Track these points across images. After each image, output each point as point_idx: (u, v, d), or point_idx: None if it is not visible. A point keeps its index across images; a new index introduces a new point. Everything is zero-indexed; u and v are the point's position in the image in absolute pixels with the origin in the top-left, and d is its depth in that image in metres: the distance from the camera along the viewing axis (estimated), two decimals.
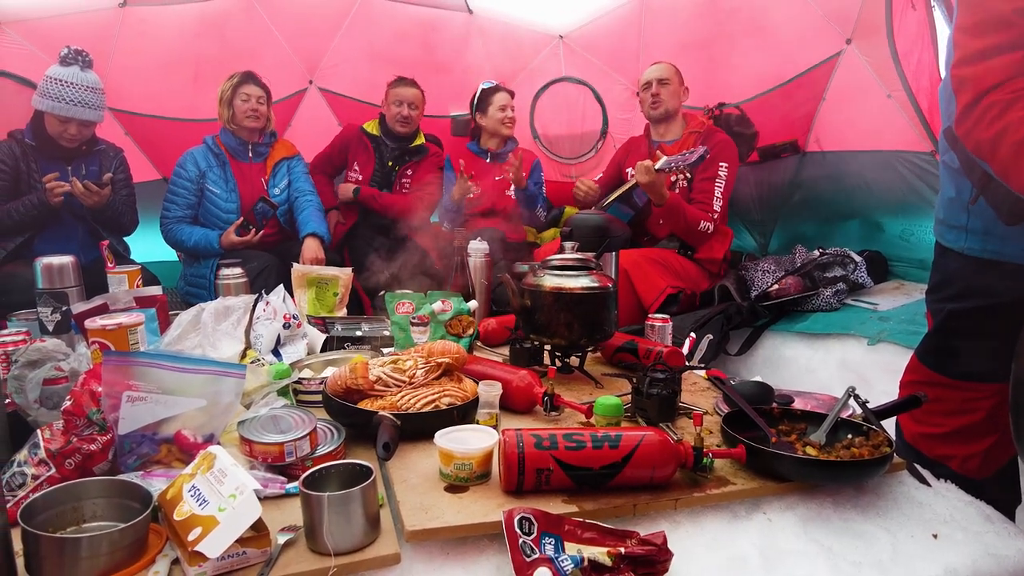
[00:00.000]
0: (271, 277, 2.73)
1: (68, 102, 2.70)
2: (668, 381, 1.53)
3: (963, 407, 1.48)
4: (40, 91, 2.73)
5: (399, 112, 3.35)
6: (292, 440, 1.26)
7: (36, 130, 2.80)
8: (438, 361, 1.57)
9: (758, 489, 1.23)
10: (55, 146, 2.81)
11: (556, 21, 4.21)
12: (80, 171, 2.84)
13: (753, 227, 3.87)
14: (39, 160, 2.80)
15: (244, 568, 0.98)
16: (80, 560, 0.94)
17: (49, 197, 2.66)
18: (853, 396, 1.39)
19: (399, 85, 3.39)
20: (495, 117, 3.42)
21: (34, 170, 2.78)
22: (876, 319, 2.59)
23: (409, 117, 3.37)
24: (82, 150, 2.88)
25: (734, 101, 3.53)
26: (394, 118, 3.37)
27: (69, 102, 2.70)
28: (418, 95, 3.40)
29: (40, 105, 2.73)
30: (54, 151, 2.82)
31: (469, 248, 2.57)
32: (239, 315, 1.91)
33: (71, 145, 2.82)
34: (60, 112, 2.71)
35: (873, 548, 1.12)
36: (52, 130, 2.77)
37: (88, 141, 2.89)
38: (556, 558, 0.98)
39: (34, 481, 1.18)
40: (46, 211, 2.71)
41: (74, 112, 2.72)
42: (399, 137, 3.43)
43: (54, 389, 1.45)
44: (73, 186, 2.68)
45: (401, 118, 3.36)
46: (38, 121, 2.80)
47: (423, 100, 3.44)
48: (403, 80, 3.40)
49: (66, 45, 2.77)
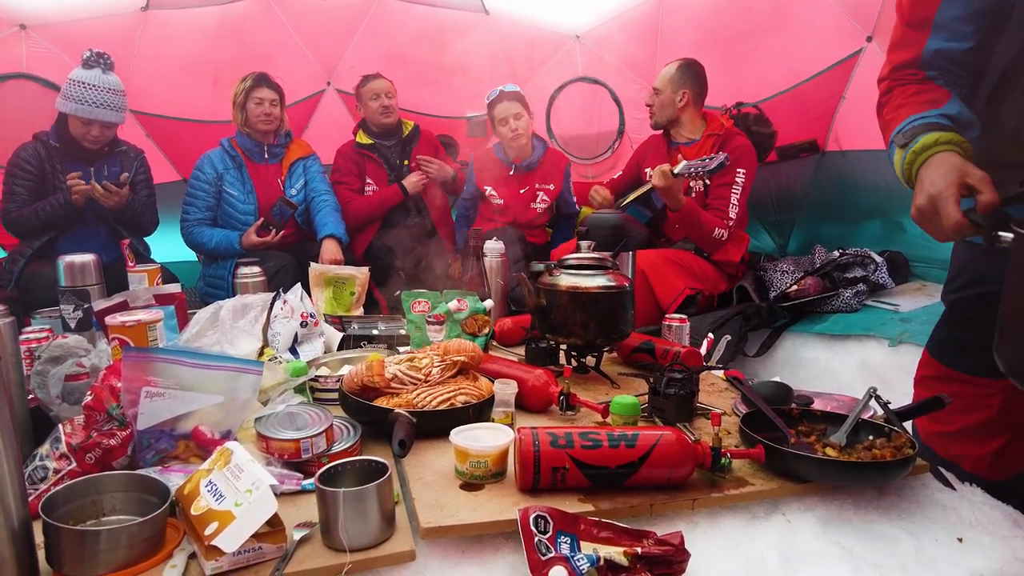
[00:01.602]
0: (288, 276, 2.75)
1: (90, 104, 2.75)
2: (686, 381, 1.52)
3: (972, 403, 1.44)
4: (63, 94, 2.79)
5: (379, 105, 3.34)
6: (308, 437, 1.26)
7: (60, 132, 2.86)
8: (454, 359, 1.57)
9: (777, 490, 1.21)
10: (78, 147, 2.87)
11: (572, 21, 4.20)
12: (102, 172, 2.90)
13: (771, 227, 3.82)
14: (63, 161, 2.85)
15: (260, 563, 0.99)
16: (99, 553, 0.95)
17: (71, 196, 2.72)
18: (874, 397, 1.36)
19: (368, 81, 3.38)
20: (502, 133, 3.28)
21: (59, 171, 2.84)
22: (897, 320, 2.55)
23: (389, 107, 3.36)
24: (104, 151, 2.93)
25: (752, 100, 3.49)
26: (376, 112, 3.35)
27: (91, 104, 2.75)
28: (388, 85, 3.38)
29: (63, 108, 2.79)
30: (78, 152, 2.88)
31: (485, 248, 2.56)
32: (257, 312, 1.92)
33: (94, 146, 2.87)
34: (83, 114, 2.76)
35: (896, 551, 1.10)
36: (75, 132, 2.82)
37: (110, 143, 2.94)
38: (572, 557, 0.97)
39: (55, 475, 1.19)
40: (71, 211, 2.77)
41: (96, 114, 2.77)
42: (390, 133, 3.43)
43: (75, 385, 1.47)
44: (93, 188, 2.72)
45: (383, 108, 3.34)
46: (62, 123, 2.86)
47: (394, 89, 3.41)
48: (369, 76, 3.39)
49: (88, 48, 2.82)
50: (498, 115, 3.25)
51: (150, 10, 3.50)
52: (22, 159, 2.83)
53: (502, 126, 3.25)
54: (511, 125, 3.22)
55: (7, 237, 3.03)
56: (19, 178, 2.82)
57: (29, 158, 2.82)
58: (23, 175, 2.82)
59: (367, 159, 3.41)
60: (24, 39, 3.34)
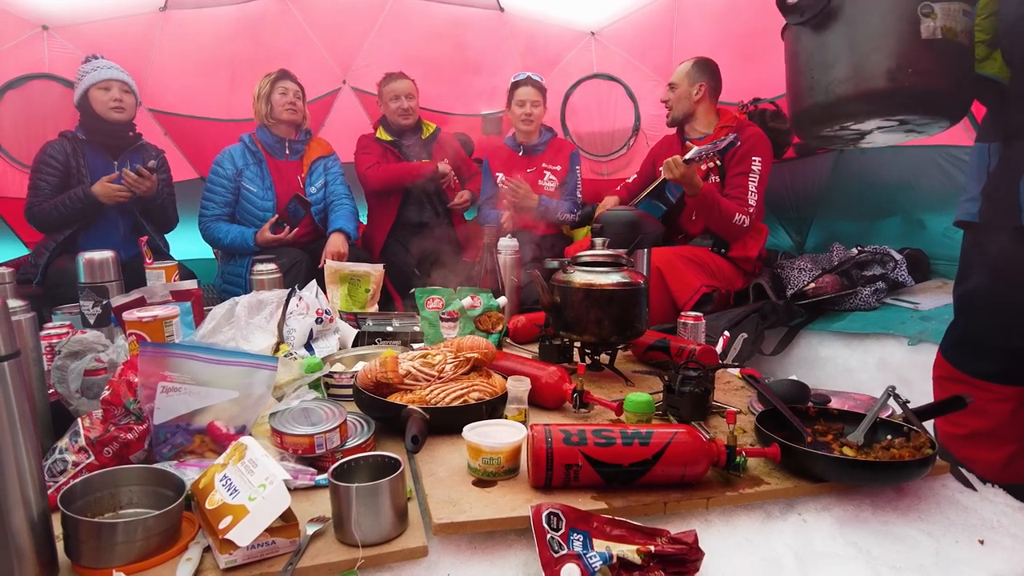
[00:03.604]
0: (300, 273, 2.77)
1: (102, 68, 2.90)
2: (701, 379, 1.51)
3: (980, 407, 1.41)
4: (77, 80, 2.92)
5: (399, 106, 3.36)
6: (322, 432, 1.27)
7: (85, 122, 2.94)
8: (467, 356, 1.56)
9: (793, 489, 1.20)
10: (104, 134, 2.93)
11: (587, 17, 4.18)
12: (126, 166, 2.94)
13: (789, 225, 3.78)
14: (87, 154, 2.90)
15: (273, 557, 0.99)
16: (116, 545, 0.97)
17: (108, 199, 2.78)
18: (893, 396, 1.34)
19: (391, 81, 3.39)
20: (515, 113, 3.41)
21: (83, 166, 2.89)
22: (917, 319, 2.51)
23: (409, 109, 3.38)
24: (128, 137, 3.00)
25: (769, 96, 3.45)
26: (395, 113, 3.38)
27: (102, 68, 2.90)
28: (410, 86, 3.40)
29: (80, 87, 2.89)
30: (103, 140, 2.93)
31: (499, 245, 2.56)
32: (272, 309, 1.94)
33: (119, 116, 2.91)
34: (99, 78, 2.87)
35: (915, 553, 1.08)
36: (99, 107, 2.89)
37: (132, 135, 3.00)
38: (584, 554, 0.96)
39: (74, 468, 1.21)
40: (89, 204, 2.80)
41: (110, 73, 2.89)
42: (410, 132, 3.44)
43: (94, 380, 1.49)
44: (124, 176, 2.77)
45: (402, 111, 3.36)
46: (86, 113, 2.93)
47: (416, 89, 3.43)
48: (392, 75, 3.40)
49: (107, 48, 2.90)
50: (517, 96, 3.39)
51: (168, 10, 3.54)
52: (47, 154, 2.88)
53: (518, 107, 3.38)
54: (526, 109, 3.37)
55: (30, 234, 3.08)
56: (44, 173, 2.87)
57: (55, 153, 2.88)
58: (48, 170, 2.86)
59: (389, 152, 3.43)
60: (46, 40, 3.38)
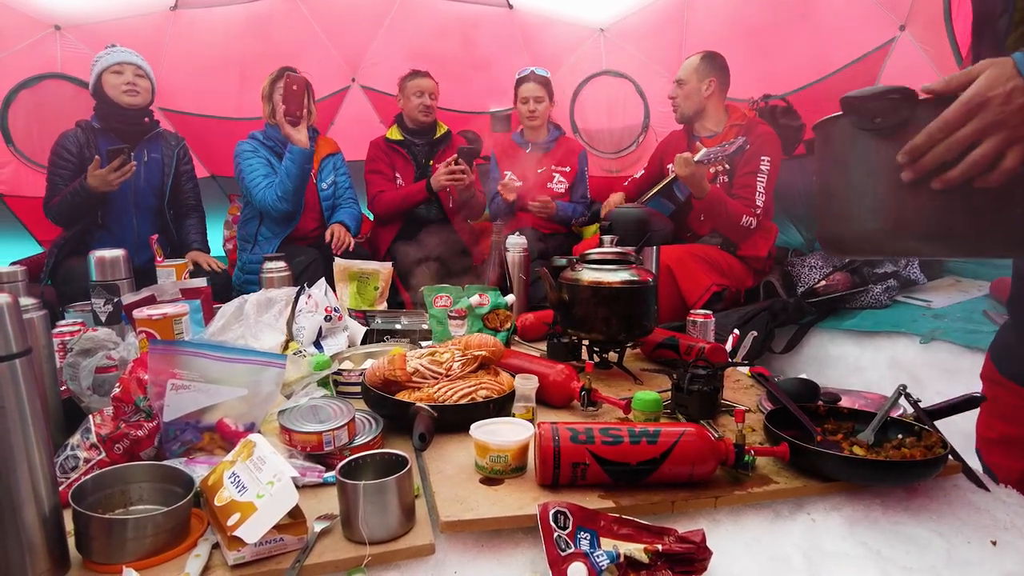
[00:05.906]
0: (316, 272, 2.78)
1: (115, 52, 2.90)
2: (710, 377, 1.50)
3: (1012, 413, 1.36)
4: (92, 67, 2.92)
5: (421, 103, 3.38)
6: (330, 430, 1.27)
7: (100, 109, 2.94)
8: (475, 354, 1.57)
9: (802, 489, 1.19)
10: (119, 120, 2.92)
11: (596, 14, 4.17)
12: (143, 156, 2.95)
13: (799, 222, 3.75)
14: (101, 143, 2.90)
15: (281, 554, 1.00)
16: (126, 541, 0.97)
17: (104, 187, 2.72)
18: (904, 394, 1.33)
19: (415, 77, 3.41)
20: (520, 110, 3.45)
21: (97, 154, 2.89)
22: (929, 316, 2.49)
23: (430, 107, 3.41)
24: (144, 124, 2.99)
25: (780, 92, 3.43)
26: (416, 109, 3.39)
27: (116, 52, 2.90)
28: (434, 85, 3.43)
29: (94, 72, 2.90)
30: (118, 127, 2.93)
31: (507, 243, 2.56)
32: (280, 307, 1.94)
33: (133, 100, 2.91)
34: (112, 61, 2.86)
35: (926, 553, 1.07)
36: (111, 91, 2.89)
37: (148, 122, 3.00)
38: (592, 553, 0.96)
39: (86, 464, 1.22)
40: (90, 195, 2.76)
41: (122, 56, 2.89)
42: (424, 132, 3.46)
43: (105, 377, 1.51)
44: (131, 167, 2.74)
45: (423, 108, 3.38)
46: (100, 97, 2.93)
47: (438, 92, 3.45)
48: (418, 72, 3.42)
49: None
50: (522, 93, 3.44)
51: (179, 9, 3.56)
52: (62, 146, 2.89)
53: (523, 104, 3.44)
54: (531, 106, 3.42)
55: (45, 233, 3.11)
56: (59, 166, 2.87)
57: (69, 145, 2.89)
58: (62, 162, 2.87)
59: (396, 154, 3.45)
60: (59, 40, 3.42)
